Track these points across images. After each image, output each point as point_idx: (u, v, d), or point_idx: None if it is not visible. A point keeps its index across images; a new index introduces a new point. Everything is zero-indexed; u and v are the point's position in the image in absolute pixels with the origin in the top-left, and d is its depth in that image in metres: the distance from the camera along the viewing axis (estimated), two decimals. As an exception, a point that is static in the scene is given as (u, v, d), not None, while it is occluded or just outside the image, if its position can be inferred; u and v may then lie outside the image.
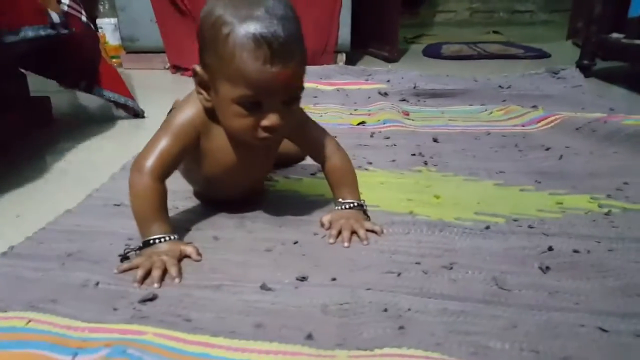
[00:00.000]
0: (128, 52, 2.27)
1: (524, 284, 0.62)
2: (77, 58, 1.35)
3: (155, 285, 0.61)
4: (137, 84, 2.10)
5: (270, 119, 0.64)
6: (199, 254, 0.68)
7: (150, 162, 0.68)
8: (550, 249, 0.70)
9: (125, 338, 0.51)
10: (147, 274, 0.63)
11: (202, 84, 0.69)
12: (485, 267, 0.66)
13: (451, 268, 0.66)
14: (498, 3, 3.98)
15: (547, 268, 0.66)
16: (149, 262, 0.63)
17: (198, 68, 0.68)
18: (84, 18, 1.36)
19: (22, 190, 0.95)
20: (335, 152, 0.80)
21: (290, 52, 0.61)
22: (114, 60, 2.38)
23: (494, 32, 3.66)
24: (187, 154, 0.72)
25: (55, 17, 1.09)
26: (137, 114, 1.51)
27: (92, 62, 1.40)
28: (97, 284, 0.61)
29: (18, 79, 1.35)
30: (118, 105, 1.48)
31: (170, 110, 1.01)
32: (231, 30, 0.61)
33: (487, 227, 0.77)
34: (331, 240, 0.72)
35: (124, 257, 0.67)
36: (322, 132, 0.81)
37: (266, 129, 0.65)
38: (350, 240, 0.71)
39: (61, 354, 0.49)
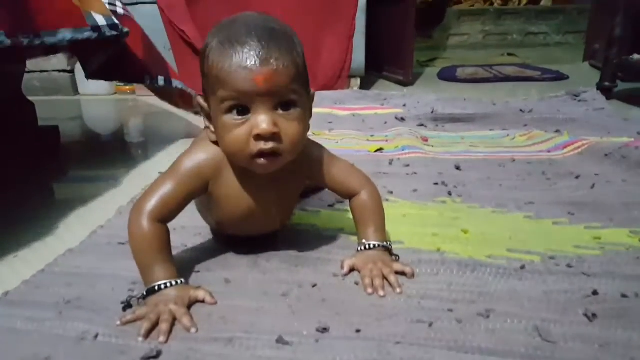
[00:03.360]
0: (140, 80, 2.26)
1: (570, 335, 0.56)
2: (145, 57, 1.30)
3: (161, 339, 0.55)
4: (150, 110, 2.08)
5: (260, 125, 0.58)
6: (213, 298, 0.63)
7: (151, 204, 0.64)
8: (595, 293, 0.63)
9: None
10: (154, 326, 0.57)
11: (206, 115, 0.66)
12: (525, 314, 0.60)
13: (488, 316, 0.59)
14: (511, 25, 3.94)
15: (594, 315, 0.59)
16: (155, 313, 0.58)
17: (200, 99, 0.66)
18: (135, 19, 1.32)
19: (23, 226, 0.90)
20: (364, 187, 0.75)
21: (268, 50, 0.57)
22: (127, 87, 2.37)
23: (509, 54, 3.61)
24: (192, 199, 0.68)
25: (100, 20, 1.03)
26: (196, 111, 1.48)
27: (160, 57, 1.39)
28: (96, 336, 0.56)
29: (27, 108, 1.31)
30: (178, 101, 1.47)
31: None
32: (210, 46, 0.61)
33: (523, 267, 0.70)
34: (369, 291, 0.64)
35: (127, 305, 0.61)
36: (347, 166, 0.76)
37: (258, 137, 0.59)
38: (384, 288, 0.65)
39: None
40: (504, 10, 3.92)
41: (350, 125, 1.57)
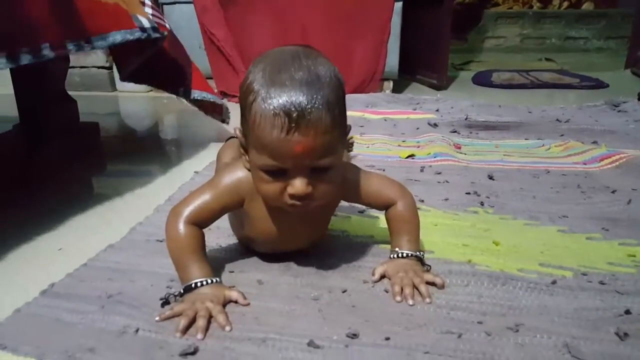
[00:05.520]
0: (177, 77, 2.31)
1: (600, 353, 0.56)
2: (172, 65, 1.33)
3: (199, 336, 0.57)
4: (185, 108, 2.13)
5: (295, 187, 0.60)
6: (246, 299, 0.65)
7: (188, 209, 0.68)
8: (627, 312, 0.63)
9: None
10: (191, 323, 0.59)
11: (243, 147, 0.67)
12: (554, 330, 0.60)
13: (517, 330, 0.59)
14: (550, 29, 3.86)
15: (625, 335, 0.59)
16: (192, 310, 0.60)
17: (238, 131, 0.67)
18: (168, 25, 1.34)
19: (66, 221, 0.94)
20: (400, 197, 0.75)
21: (311, 121, 0.57)
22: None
23: (547, 59, 3.54)
24: (227, 212, 0.72)
25: (145, 22, 1.07)
26: (224, 119, 1.51)
27: (186, 67, 1.39)
28: (137, 331, 0.58)
29: (70, 106, 1.36)
30: (207, 108, 1.47)
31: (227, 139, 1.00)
32: (254, 99, 0.59)
33: (554, 282, 0.70)
34: (398, 299, 0.65)
35: (165, 302, 0.64)
36: (382, 180, 0.77)
37: (292, 196, 0.61)
38: (413, 297, 0.66)
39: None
40: (544, 13, 3.84)
41: (382, 130, 1.58)
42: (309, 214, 0.67)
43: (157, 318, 0.61)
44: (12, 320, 0.61)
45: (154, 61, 1.24)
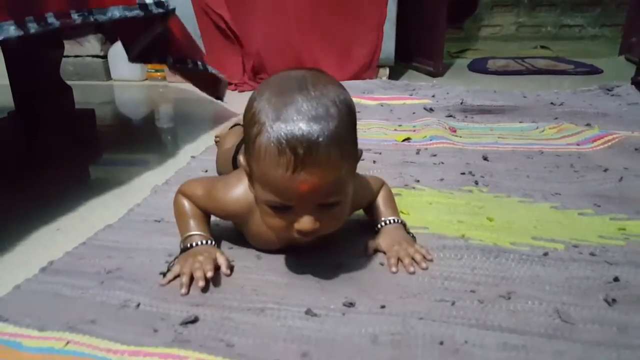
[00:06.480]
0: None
1: (589, 318, 0.57)
2: (186, 41, 1.32)
3: (200, 283, 0.61)
4: (180, 96, 2.13)
5: (302, 224, 0.58)
6: (229, 269, 0.67)
7: (188, 192, 0.72)
8: (616, 279, 0.65)
9: (165, 363, 0.49)
10: (191, 279, 0.63)
11: (248, 175, 0.63)
12: (545, 297, 0.61)
13: (509, 298, 0.61)
14: (546, 17, 3.86)
15: (614, 300, 0.60)
16: (188, 268, 0.63)
17: (242, 160, 0.63)
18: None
19: (64, 203, 0.95)
20: (379, 193, 0.79)
21: (318, 159, 0.54)
22: (158, 73, 2.43)
23: (542, 47, 3.55)
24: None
25: None
26: (219, 96, 1.52)
27: (195, 42, 1.38)
28: (138, 305, 0.60)
29: (66, 92, 1.37)
30: (203, 85, 1.48)
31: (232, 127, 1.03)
32: (259, 131, 0.56)
33: (546, 254, 0.72)
34: (394, 270, 0.67)
35: (167, 272, 0.66)
36: (370, 183, 0.78)
37: (299, 232, 0.59)
38: (411, 266, 0.67)
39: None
40: (539, 1, 3.82)
41: (378, 115, 1.59)
42: None
43: (162, 282, 0.64)
44: (12, 295, 0.62)
45: (164, 40, 1.22)
